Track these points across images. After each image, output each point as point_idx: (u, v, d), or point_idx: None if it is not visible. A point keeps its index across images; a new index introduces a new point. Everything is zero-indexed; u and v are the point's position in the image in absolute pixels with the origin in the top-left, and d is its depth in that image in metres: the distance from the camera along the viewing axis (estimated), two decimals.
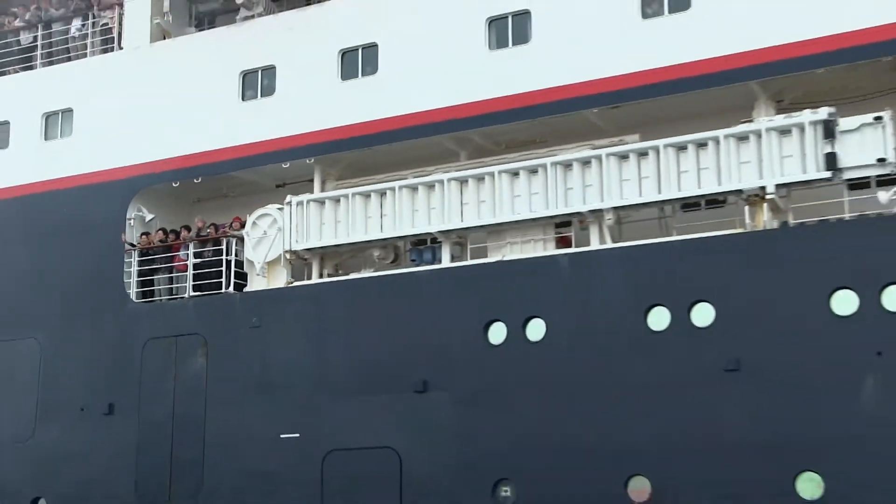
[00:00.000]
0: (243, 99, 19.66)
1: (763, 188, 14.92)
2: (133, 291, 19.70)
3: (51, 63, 22.09)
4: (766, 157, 14.97)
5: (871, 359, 13.61)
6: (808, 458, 13.77)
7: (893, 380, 13.55)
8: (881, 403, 13.70)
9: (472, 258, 17.40)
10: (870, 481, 13.46)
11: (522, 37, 17.48)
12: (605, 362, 15.36)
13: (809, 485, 13.68)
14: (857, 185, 14.81)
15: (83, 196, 20.32)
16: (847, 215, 14.70)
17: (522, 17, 17.52)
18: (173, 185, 20.02)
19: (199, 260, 19.00)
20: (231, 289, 18.86)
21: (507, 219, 16.69)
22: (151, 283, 19.73)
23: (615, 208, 15.98)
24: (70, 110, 21.08)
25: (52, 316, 19.99)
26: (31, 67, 22.25)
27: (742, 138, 15.23)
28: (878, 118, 14.44)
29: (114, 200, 20.02)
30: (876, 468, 13.39)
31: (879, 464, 13.40)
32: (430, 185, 17.35)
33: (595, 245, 16.16)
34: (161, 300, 19.71)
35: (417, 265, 17.72)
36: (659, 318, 15.11)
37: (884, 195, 14.44)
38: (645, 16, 16.59)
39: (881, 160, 14.28)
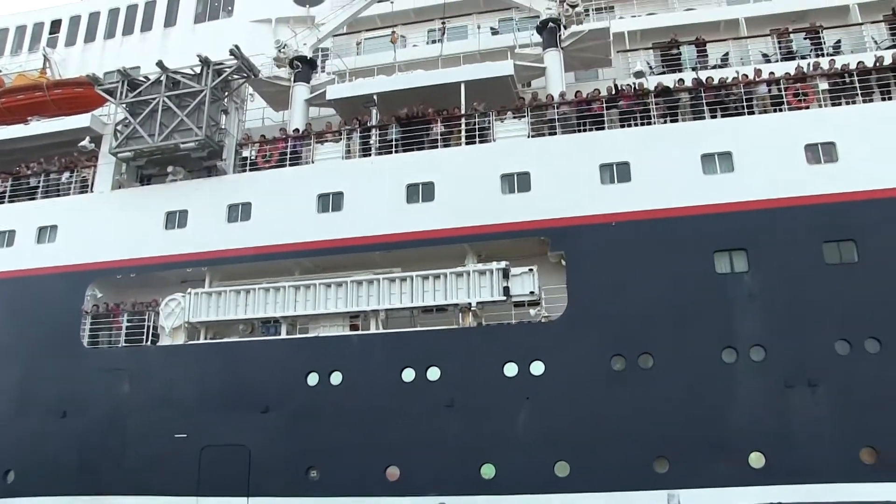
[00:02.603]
0: (166, 228, 21.33)
1: (469, 303, 18.08)
2: (85, 341, 20.92)
3: (47, 197, 23.44)
4: (472, 286, 18.19)
5: (523, 400, 16.95)
6: (488, 454, 16.83)
7: (533, 413, 16.85)
8: (526, 420, 16.87)
9: (299, 333, 19.58)
10: (525, 468, 16.52)
11: (338, 206, 20.05)
12: (378, 399, 17.77)
13: (488, 469, 16.72)
14: (519, 304, 18.20)
15: (60, 280, 21.52)
16: (514, 321, 18.13)
17: (338, 195, 20.14)
18: (117, 276, 21.45)
19: (129, 324, 20.89)
20: (148, 343, 20.55)
21: (322, 311, 19.12)
22: (98, 335, 21.09)
23: (386, 309, 18.80)
24: (56, 226, 22.44)
25: (35, 352, 20.88)
26: (34, 198, 23.56)
27: (459, 275, 18.36)
28: (531, 269, 18.05)
29: (79, 284, 21.41)
30: (529, 457, 16.53)
31: (531, 453, 16.55)
32: (276, 288, 19.57)
33: (373, 330, 18.75)
34: (104, 347, 20.90)
35: (266, 336, 19.71)
36: (409, 375, 17.77)
37: (533, 311, 18.10)
38: (408, 202, 19.51)
39: (532, 292, 17.93)
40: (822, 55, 21.42)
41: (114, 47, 30.52)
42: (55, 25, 32.11)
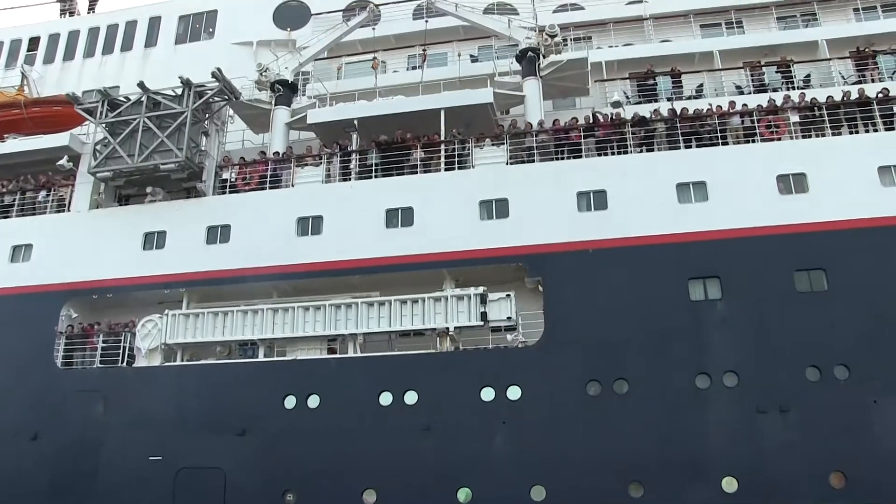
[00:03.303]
0: (144, 249, 21.22)
1: (447, 328, 18.23)
2: (59, 361, 20.57)
3: (23, 216, 23.19)
4: (449, 311, 18.36)
5: (499, 424, 17.09)
6: (464, 478, 16.85)
7: (509, 437, 16.97)
8: (502, 444, 16.92)
9: (277, 356, 19.48)
10: (501, 492, 16.52)
11: (318, 230, 20.12)
12: (355, 422, 17.72)
13: (464, 494, 16.75)
14: (496, 329, 18.40)
15: (35, 300, 21.27)
16: (491, 346, 18.24)
17: (318, 219, 20.21)
18: (93, 297, 21.26)
19: (105, 345, 20.54)
20: (124, 364, 20.24)
21: (300, 334, 19.16)
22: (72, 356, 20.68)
23: (364, 333, 18.84)
24: (31, 245, 22.22)
25: (7, 372, 20.45)
26: (7, 217, 23.26)
27: (437, 299, 18.52)
28: (508, 295, 18.20)
29: (54, 304, 21.13)
30: (506, 481, 16.54)
31: (507, 477, 16.56)
32: (255, 311, 19.58)
33: (351, 354, 18.78)
34: (79, 368, 20.54)
35: (243, 358, 19.69)
36: (386, 399, 17.79)
37: (510, 336, 18.21)
38: (388, 226, 19.68)
39: (509, 318, 18.10)
40: (793, 88, 22.03)
41: (93, 66, 30.43)
42: (33, 42, 31.90)
